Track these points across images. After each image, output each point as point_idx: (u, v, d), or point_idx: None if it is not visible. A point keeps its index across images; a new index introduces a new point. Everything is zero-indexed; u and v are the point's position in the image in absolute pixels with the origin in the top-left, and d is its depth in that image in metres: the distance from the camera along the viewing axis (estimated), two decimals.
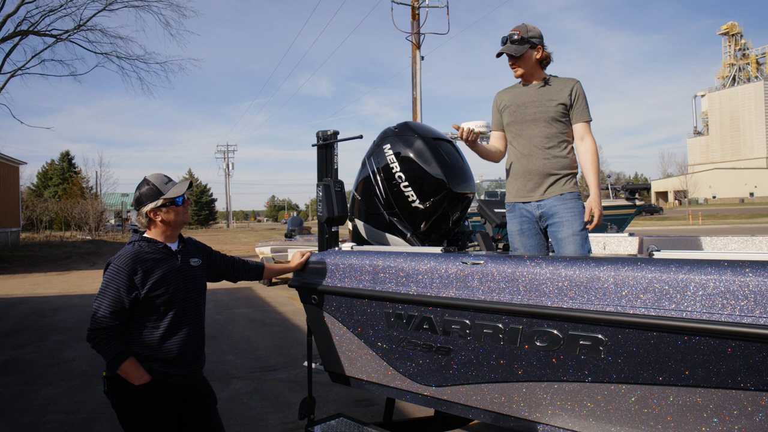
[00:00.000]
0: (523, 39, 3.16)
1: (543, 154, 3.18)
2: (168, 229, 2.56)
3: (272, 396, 5.12)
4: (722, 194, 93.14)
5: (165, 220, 2.54)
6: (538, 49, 3.19)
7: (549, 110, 3.17)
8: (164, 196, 2.52)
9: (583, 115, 3.16)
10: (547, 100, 3.18)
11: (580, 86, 3.19)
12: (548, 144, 3.18)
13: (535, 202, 3.20)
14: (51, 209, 46.96)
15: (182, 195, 2.56)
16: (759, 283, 1.82)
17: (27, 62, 23.88)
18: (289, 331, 8.06)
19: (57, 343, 7.55)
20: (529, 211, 3.24)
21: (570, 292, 2.20)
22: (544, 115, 3.18)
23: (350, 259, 3.06)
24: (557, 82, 3.22)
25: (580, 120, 3.17)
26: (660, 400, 2.05)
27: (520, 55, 3.17)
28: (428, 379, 2.77)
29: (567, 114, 3.18)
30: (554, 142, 3.17)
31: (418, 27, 18.27)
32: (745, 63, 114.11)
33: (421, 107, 18.14)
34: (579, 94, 3.16)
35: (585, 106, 3.17)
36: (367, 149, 3.69)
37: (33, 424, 4.57)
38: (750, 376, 1.84)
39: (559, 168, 3.17)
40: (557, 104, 3.16)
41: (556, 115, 3.16)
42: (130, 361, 2.39)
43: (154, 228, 2.55)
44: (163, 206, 2.52)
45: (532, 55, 3.19)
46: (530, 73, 3.24)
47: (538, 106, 3.20)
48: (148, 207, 2.52)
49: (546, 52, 3.23)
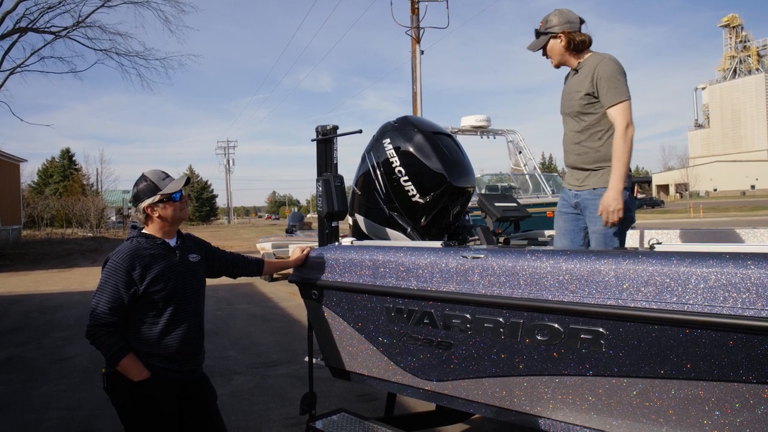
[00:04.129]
0: (540, 33, 3.15)
1: (575, 150, 3.14)
2: (165, 225, 2.56)
3: (274, 391, 5.12)
4: (723, 187, 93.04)
5: (162, 216, 2.53)
6: (560, 37, 3.08)
7: (574, 104, 3.09)
8: (161, 192, 2.52)
9: (608, 100, 2.93)
10: (574, 92, 3.09)
11: (604, 65, 2.95)
12: (578, 139, 3.11)
13: (574, 191, 3.19)
14: (52, 206, 46.99)
15: (179, 191, 2.55)
16: (761, 276, 1.80)
17: (26, 59, 23.84)
18: (290, 327, 8.06)
19: (58, 340, 7.56)
20: (569, 197, 3.25)
21: (571, 285, 2.19)
22: (571, 110, 3.13)
23: (350, 254, 3.05)
24: (585, 66, 3.05)
25: (606, 105, 2.95)
26: (662, 393, 2.04)
27: (542, 47, 3.16)
28: (429, 374, 2.76)
29: (595, 102, 3.00)
30: (585, 135, 3.08)
31: (418, 21, 18.19)
32: (746, 55, 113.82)
33: (421, 102, 18.08)
34: (600, 77, 2.94)
35: (609, 88, 2.92)
36: (367, 144, 3.67)
37: (34, 421, 4.57)
38: (752, 369, 1.84)
39: (590, 162, 3.07)
40: (581, 95, 3.03)
41: (581, 108, 3.06)
42: (130, 357, 2.38)
43: (152, 224, 2.55)
44: (159, 202, 2.52)
45: (556, 45, 3.12)
46: (563, 62, 3.17)
47: (567, 99, 3.16)
48: (145, 203, 2.52)
49: (574, 36, 3.06)
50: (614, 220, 2.87)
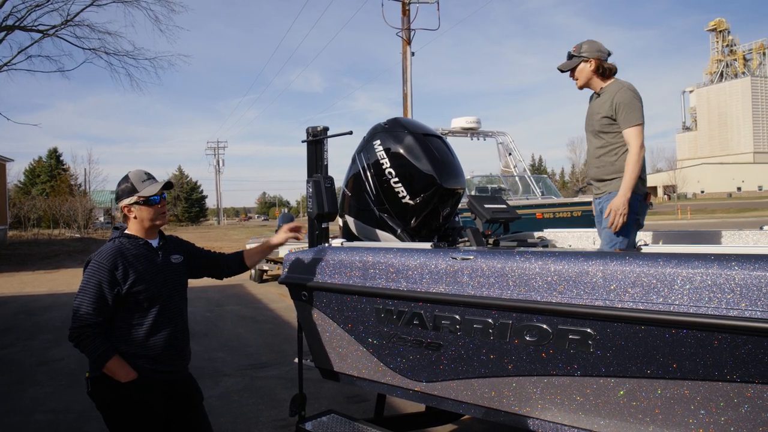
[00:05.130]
0: (573, 55, 3.47)
1: (596, 163, 3.47)
2: (143, 226, 2.56)
3: (263, 393, 5.11)
4: (710, 189, 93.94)
5: (138, 217, 2.54)
6: (590, 62, 3.40)
7: (594, 124, 3.43)
8: (138, 193, 2.52)
9: (624, 123, 3.28)
10: (594, 114, 3.43)
11: (623, 93, 3.29)
12: (598, 154, 3.45)
13: (597, 199, 3.51)
14: (39, 207, 46.46)
15: (157, 194, 2.55)
16: (744, 277, 1.83)
17: (13, 58, 23.51)
18: (279, 328, 8.04)
19: (45, 342, 7.49)
20: (595, 206, 3.57)
21: (559, 286, 2.21)
22: (592, 128, 3.47)
23: (340, 256, 3.05)
24: (607, 91, 3.38)
25: (623, 128, 3.30)
26: (648, 393, 2.06)
27: (572, 69, 3.47)
28: (419, 375, 2.78)
29: (613, 123, 3.33)
30: (604, 151, 3.41)
31: (409, 23, 18.24)
32: (732, 59, 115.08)
33: (411, 103, 18.12)
34: (619, 102, 3.27)
35: (627, 112, 3.26)
36: (358, 145, 3.68)
37: (21, 424, 4.53)
38: (736, 368, 1.86)
39: (609, 173, 3.39)
40: (601, 117, 3.36)
41: (600, 128, 3.39)
42: (116, 359, 2.37)
43: (131, 224, 2.57)
44: (136, 203, 2.52)
45: (585, 68, 3.42)
46: (587, 84, 3.49)
47: (589, 118, 3.50)
48: (123, 202, 2.54)
49: (603, 63, 3.40)
50: (619, 222, 3.21)
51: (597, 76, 3.43)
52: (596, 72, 3.42)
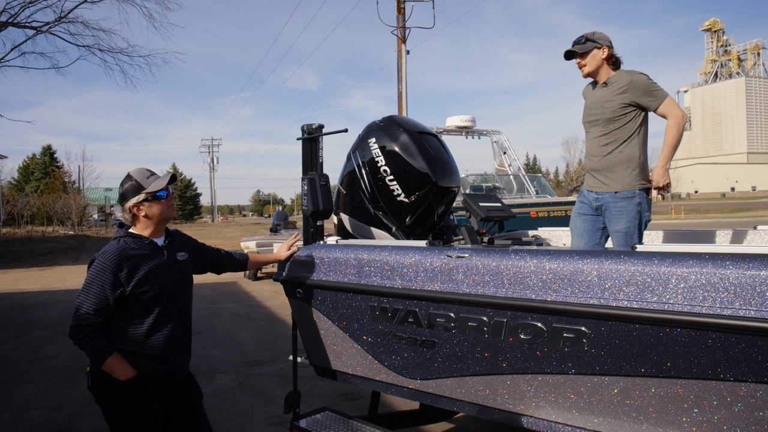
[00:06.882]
0: (588, 39, 3.37)
1: (600, 153, 3.36)
2: (152, 223, 2.53)
3: (258, 390, 5.10)
4: (704, 189, 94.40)
5: (148, 215, 2.51)
6: (603, 49, 3.32)
7: (606, 112, 3.32)
8: (146, 190, 2.49)
9: (653, 103, 3.23)
10: (605, 102, 3.32)
11: (639, 79, 3.23)
12: (604, 142, 3.34)
13: (595, 194, 3.39)
14: (32, 204, 46.19)
15: (164, 188, 2.53)
16: (739, 276, 1.84)
17: (6, 54, 23.32)
18: (274, 326, 8.03)
19: (39, 338, 7.45)
20: (589, 199, 3.44)
21: (554, 285, 2.22)
22: (601, 117, 3.35)
23: (335, 253, 3.05)
24: (618, 81, 3.30)
25: (654, 106, 3.24)
26: (642, 391, 2.07)
27: (585, 52, 3.35)
28: (413, 373, 2.78)
29: (632, 111, 3.26)
30: (610, 140, 3.32)
31: (404, 21, 18.19)
32: (726, 59, 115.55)
33: (406, 101, 18.08)
34: (639, 87, 3.21)
35: (651, 93, 3.21)
36: (353, 143, 3.68)
37: (15, 421, 4.51)
38: (729, 367, 1.87)
39: (614, 165, 3.31)
40: (615, 105, 3.27)
41: (612, 115, 3.29)
42: (115, 357, 2.36)
43: (139, 223, 2.53)
44: (145, 201, 2.49)
45: (598, 54, 3.33)
46: (596, 72, 3.38)
47: (597, 108, 3.37)
48: (131, 202, 2.49)
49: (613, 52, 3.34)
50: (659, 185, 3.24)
51: (608, 64, 3.37)
52: (607, 60, 3.36)
